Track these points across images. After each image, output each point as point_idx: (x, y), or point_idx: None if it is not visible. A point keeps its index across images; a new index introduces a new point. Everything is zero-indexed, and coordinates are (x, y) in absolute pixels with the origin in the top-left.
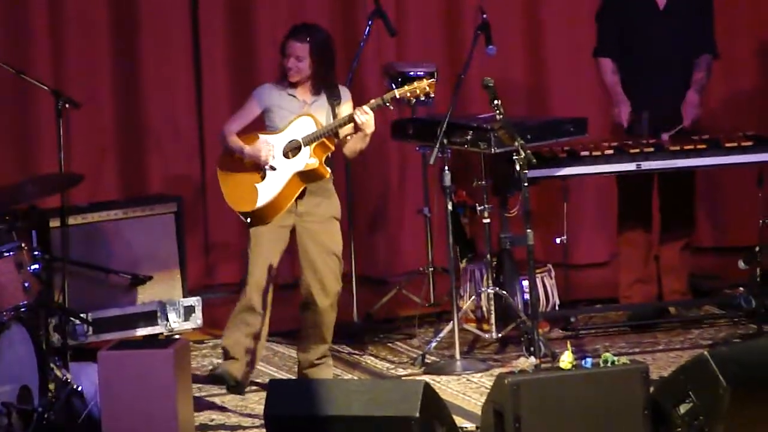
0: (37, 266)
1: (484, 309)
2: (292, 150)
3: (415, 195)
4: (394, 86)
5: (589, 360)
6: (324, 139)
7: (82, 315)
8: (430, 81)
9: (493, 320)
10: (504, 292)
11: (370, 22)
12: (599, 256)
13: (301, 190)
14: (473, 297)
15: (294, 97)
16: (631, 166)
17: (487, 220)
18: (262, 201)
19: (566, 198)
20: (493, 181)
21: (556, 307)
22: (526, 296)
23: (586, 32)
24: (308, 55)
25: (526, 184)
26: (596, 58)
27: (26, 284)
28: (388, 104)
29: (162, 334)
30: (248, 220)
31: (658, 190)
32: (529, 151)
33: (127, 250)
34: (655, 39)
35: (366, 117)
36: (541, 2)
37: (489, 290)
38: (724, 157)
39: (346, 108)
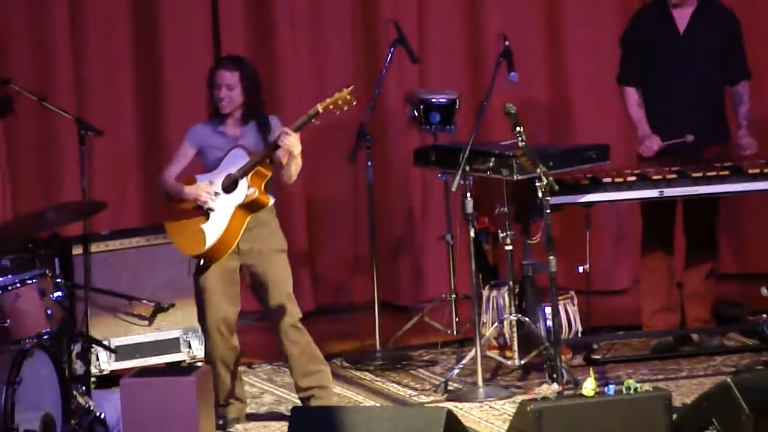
0: (59, 294)
1: (507, 336)
2: (230, 185)
3: (437, 222)
4: (415, 113)
5: (611, 387)
6: (259, 168)
7: (104, 342)
8: (349, 89)
9: (515, 347)
10: (526, 319)
11: (392, 50)
12: (621, 283)
13: (247, 222)
14: (496, 324)
15: (223, 134)
16: (653, 193)
17: (510, 247)
18: (210, 240)
19: (588, 225)
20: (516, 208)
21: (579, 334)
22: (549, 323)
23: (609, 59)
24: (239, 82)
25: (548, 211)
26: (620, 85)
27: (49, 311)
28: (314, 121)
29: (184, 361)
30: (201, 262)
31: (682, 217)
32: (551, 178)
33: (150, 277)
34: (675, 64)
35: (290, 139)
36: (564, 29)
37: (511, 317)
38: (747, 183)
39: (275, 127)
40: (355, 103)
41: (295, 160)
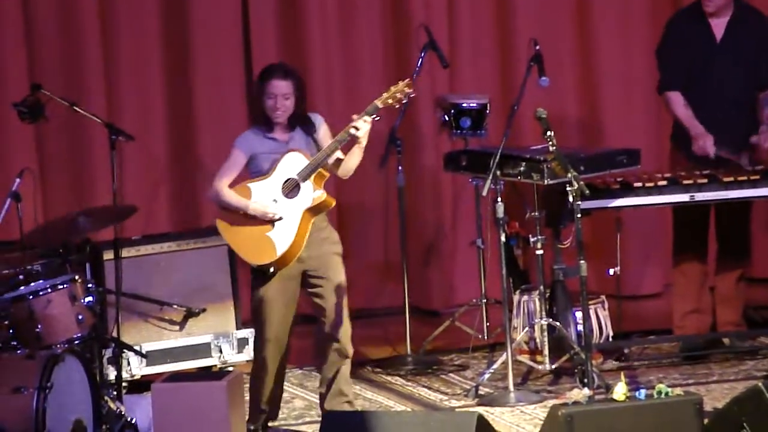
0: (90, 299)
1: (538, 340)
2: (291, 190)
3: (468, 226)
4: (446, 118)
5: (642, 391)
6: (320, 169)
7: (135, 347)
8: (405, 81)
9: (546, 351)
10: (557, 324)
11: (422, 54)
12: (652, 287)
13: (312, 222)
14: (526, 328)
15: (274, 140)
16: (684, 198)
17: (540, 252)
18: (281, 248)
19: (619, 229)
20: (546, 213)
21: (610, 339)
22: (580, 327)
23: (640, 63)
24: (293, 92)
25: (579, 216)
26: (663, 94)
27: (80, 317)
28: (375, 116)
29: (215, 366)
30: (271, 269)
31: (715, 221)
32: (582, 183)
33: (181, 282)
34: (714, 72)
35: (365, 126)
36: (595, 34)
37: (542, 321)
38: None
39: (324, 133)
40: (413, 94)
41: (359, 152)
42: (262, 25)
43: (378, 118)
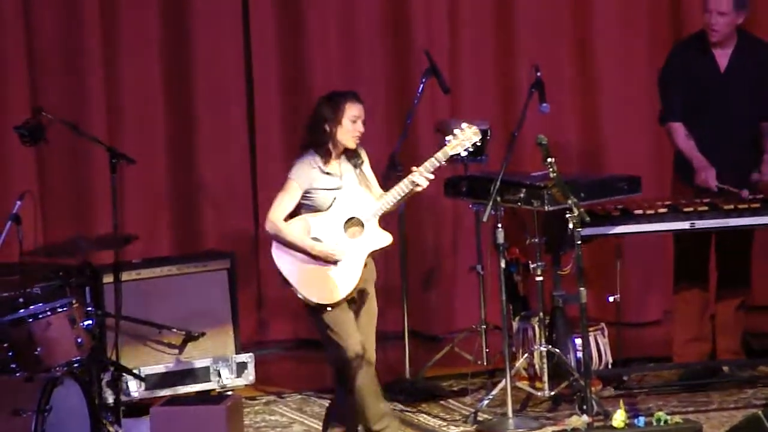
0: (90, 322)
1: (537, 367)
2: (353, 228)
3: (468, 252)
4: (447, 143)
5: (642, 419)
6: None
7: (134, 371)
8: (473, 129)
9: (545, 378)
10: (557, 350)
11: (424, 80)
12: (652, 315)
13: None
14: (526, 355)
15: (330, 174)
16: (684, 225)
17: (540, 278)
18: (345, 290)
19: (619, 256)
20: (546, 239)
21: (609, 366)
22: (579, 354)
23: (641, 90)
24: (363, 116)
25: (579, 242)
26: (666, 125)
27: (79, 340)
28: (443, 163)
29: (215, 390)
30: (329, 308)
31: (715, 249)
32: (582, 209)
33: (180, 306)
34: (718, 102)
35: (427, 182)
36: (596, 61)
37: (542, 348)
38: None
39: (367, 167)
40: (477, 140)
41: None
42: (263, 51)
43: (445, 164)
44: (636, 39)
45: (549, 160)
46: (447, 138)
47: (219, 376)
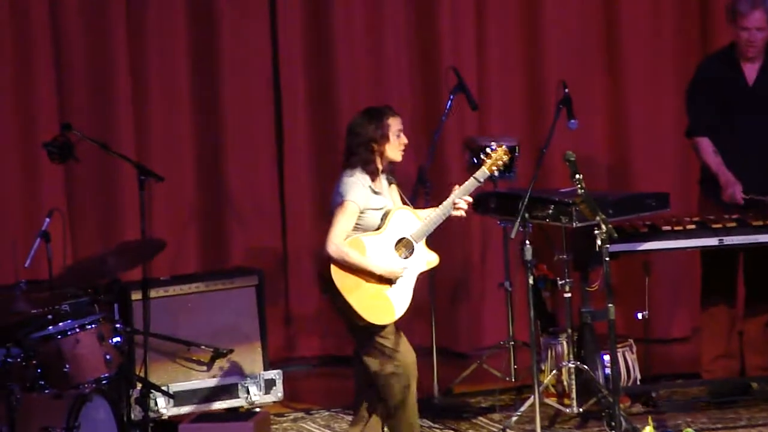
0: (118, 339)
1: (565, 383)
2: (404, 249)
3: (496, 268)
4: (475, 160)
5: None
6: None
7: (163, 388)
8: (503, 148)
9: (574, 395)
10: (585, 367)
11: (452, 96)
12: (681, 331)
13: None
14: (554, 371)
15: (377, 193)
16: (713, 242)
17: (568, 294)
18: (400, 310)
19: (647, 272)
20: (575, 256)
21: (638, 382)
22: (608, 371)
23: (669, 106)
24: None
25: (607, 259)
26: (692, 138)
27: (108, 356)
28: (481, 183)
29: (243, 407)
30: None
31: (743, 265)
32: (610, 226)
33: (208, 323)
34: (745, 115)
35: (467, 205)
36: (624, 76)
37: (570, 364)
38: None
39: (394, 186)
40: (507, 158)
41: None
42: (291, 69)
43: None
44: (664, 54)
45: (577, 176)
46: (481, 158)
47: (247, 392)
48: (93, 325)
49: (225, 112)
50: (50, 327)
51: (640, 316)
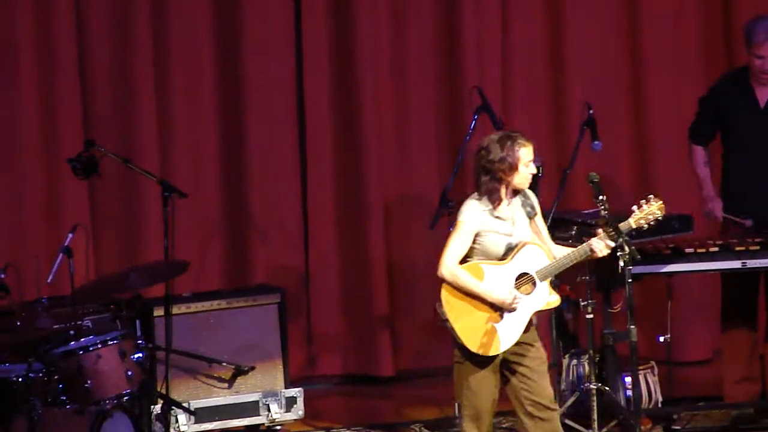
0: (140, 355)
1: (587, 404)
2: (525, 284)
3: None
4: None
5: None
6: None
7: (184, 404)
8: (659, 203)
9: (595, 416)
10: (606, 388)
11: (476, 116)
12: (702, 354)
13: None
14: (576, 392)
15: (500, 218)
16: (736, 264)
17: (591, 316)
18: (506, 345)
19: (670, 294)
20: (597, 277)
21: (659, 404)
22: (629, 392)
23: None
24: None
25: (630, 281)
26: (690, 143)
27: (129, 373)
28: (622, 235)
29: (264, 424)
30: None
31: (765, 288)
32: (633, 247)
33: (230, 340)
34: (755, 136)
35: (608, 250)
36: (648, 98)
37: (591, 386)
38: None
39: (539, 218)
40: (661, 216)
41: None
42: (316, 88)
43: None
44: (689, 75)
45: (600, 197)
46: (632, 208)
47: (268, 410)
48: (115, 341)
49: (248, 130)
50: (72, 342)
51: (662, 339)
